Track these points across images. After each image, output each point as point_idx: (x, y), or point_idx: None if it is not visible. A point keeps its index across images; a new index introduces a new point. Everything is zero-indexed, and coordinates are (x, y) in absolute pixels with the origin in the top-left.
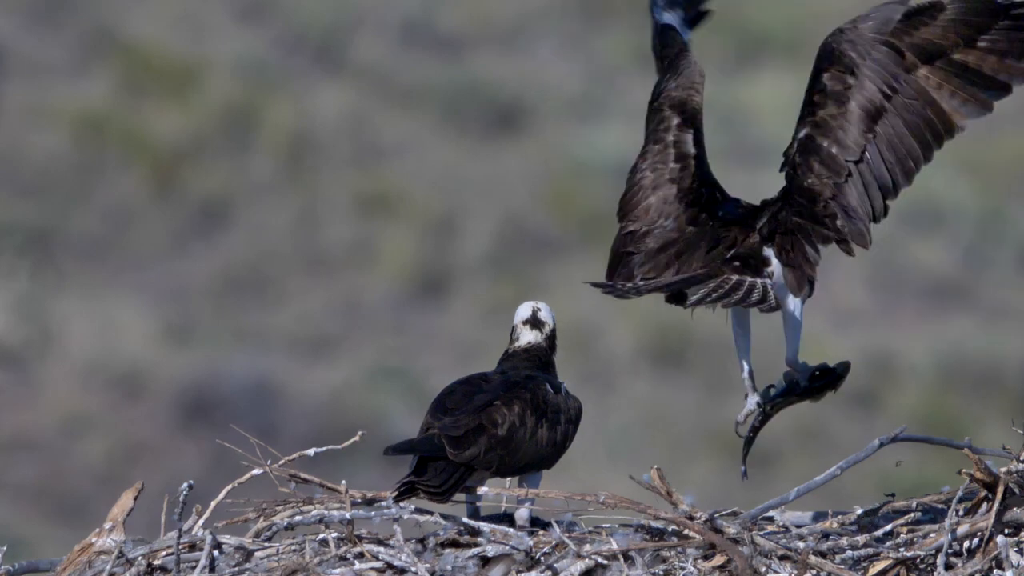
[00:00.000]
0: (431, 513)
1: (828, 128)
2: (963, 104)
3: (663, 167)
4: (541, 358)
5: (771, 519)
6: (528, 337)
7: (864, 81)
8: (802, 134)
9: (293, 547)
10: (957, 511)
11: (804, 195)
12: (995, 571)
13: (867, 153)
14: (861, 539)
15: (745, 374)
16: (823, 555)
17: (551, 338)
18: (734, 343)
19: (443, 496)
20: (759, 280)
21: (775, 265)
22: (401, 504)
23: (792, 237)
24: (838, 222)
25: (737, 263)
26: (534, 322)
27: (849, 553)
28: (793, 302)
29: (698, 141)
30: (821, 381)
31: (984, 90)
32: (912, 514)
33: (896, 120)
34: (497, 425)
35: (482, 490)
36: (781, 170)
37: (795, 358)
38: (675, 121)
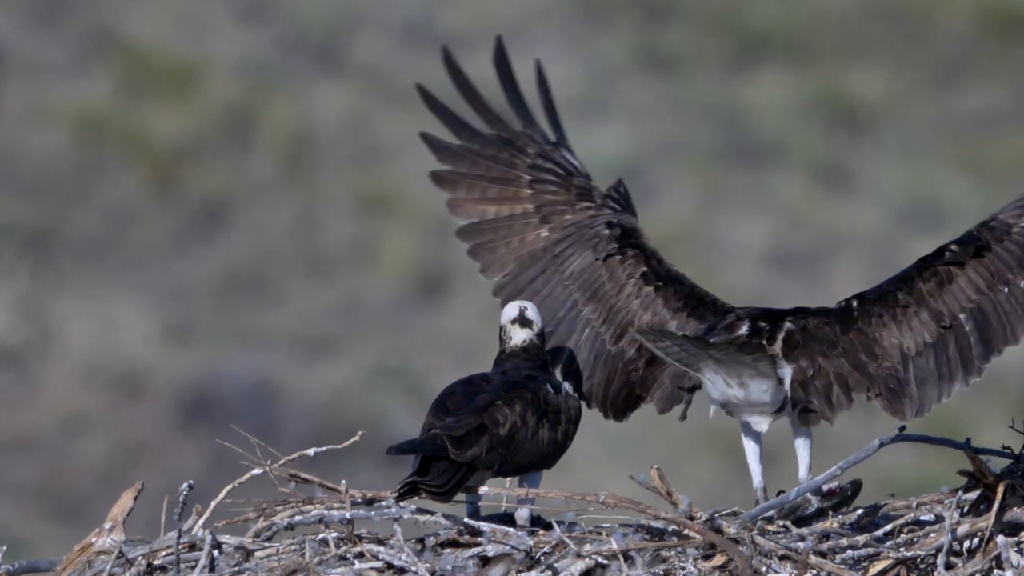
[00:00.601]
0: (432, 513)
1: (923, 297)
2: None
3: (644, 289)
4: (540, 357)
5: (771, 519)
6: (521, 335)
7: (986, 259)
8: (890, 287)
9: (293, 547)
10: (958, 511)
11: (864, 342)
12: (995, 571)
13: (954, 326)
14: (861, 539)
15: (756, 484)
16: (823, 555)
17: (541, 335)
18: (745, 452)
19: (446, 496)
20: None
21: (787, 386)
22: (401, 504)
23: (823, 373)
24: (890, 384)
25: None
26: (523, 321)
27: (849, 553)
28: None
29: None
30: (833, 500)
31: None
32: (912, 514)
33: (1004, 302)
34: (499, 425)
35: (483, 490)
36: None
37: (808, 476)
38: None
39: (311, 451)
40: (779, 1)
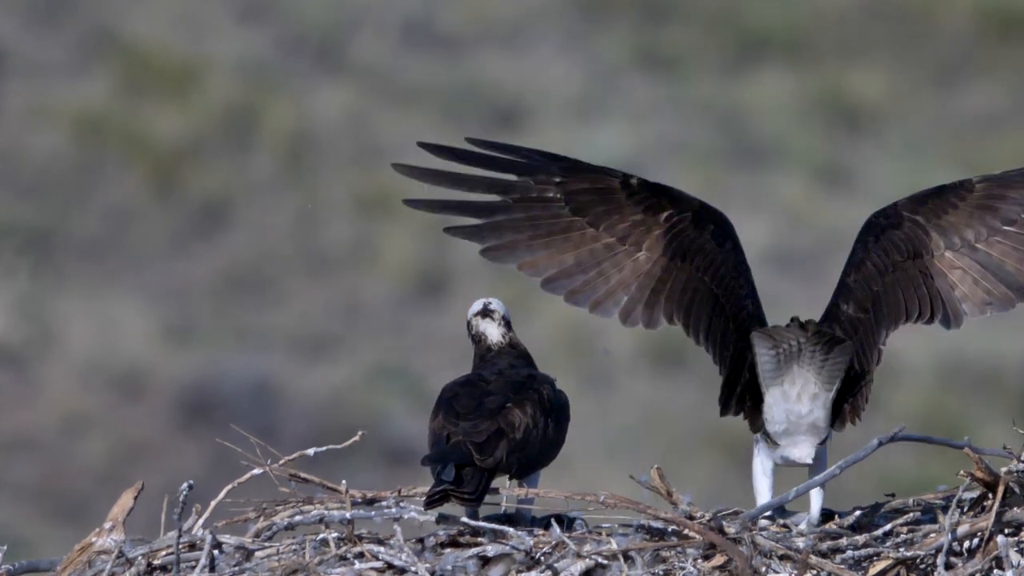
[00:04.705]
0: (449, 517)
1: (848, 290)
2: (985, 296)
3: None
4: (526, 353)
5: (772, 519)
6: (496, 330)
7: (884, 246)
8: (832, 302)
9: (293, 547)
10: (958, 511)
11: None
12: (995, 571)
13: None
14: (861, 539)
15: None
16: (823, 555)
17: (510, 326)
18: (753, 486)
19: (476, 502)
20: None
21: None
22: (429, 510)
23: None
24: None
25: None
26: (490, 314)
27: (849, 553)
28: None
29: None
30: None
31: (1009, 288)
32: (912, 514)
33: (900, 290)
34: (514, 428)
35: (503, 490)
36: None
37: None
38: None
39: (311, 451)
40: (779, 1)
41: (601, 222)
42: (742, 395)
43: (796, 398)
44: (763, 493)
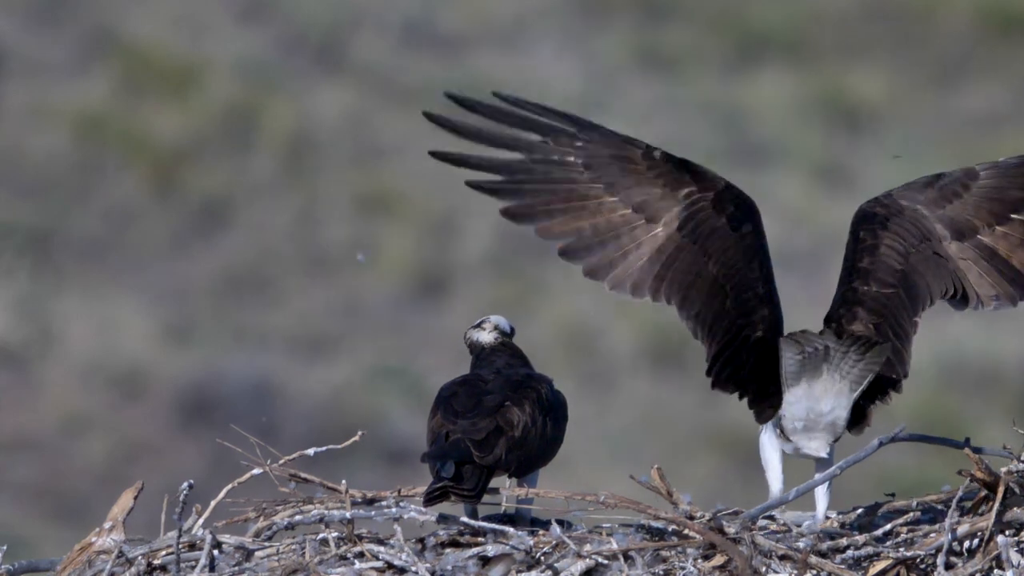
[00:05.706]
0: (450, 517)
1: (866, 272)
2: (991, 290)
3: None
4: (521, 353)
5: (772, 518)
6: (489, 335)
7: (895, 231)
8: (845, 288)
9: (293, 547)
10: (958, 511)
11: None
12: (995, 571)
13: (900, 287)
14: (861, 539)
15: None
16: (823, 555)
17: (508, 335)
18: (763, 464)
19: (475, 499)
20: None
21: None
22: (426, 509)
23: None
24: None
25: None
26: (500, 331)
27: (849, 553)
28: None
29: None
30: None
31: (1012, 285)
32: (912, 514)
33: (923, 268)
34: (513, 426)
35: (503, 490)
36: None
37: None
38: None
39: (311, 451)
40: (779, 1)
41: (619, 192)
42: (741, 379)
43: (819, 397)
44: (773, 466)
